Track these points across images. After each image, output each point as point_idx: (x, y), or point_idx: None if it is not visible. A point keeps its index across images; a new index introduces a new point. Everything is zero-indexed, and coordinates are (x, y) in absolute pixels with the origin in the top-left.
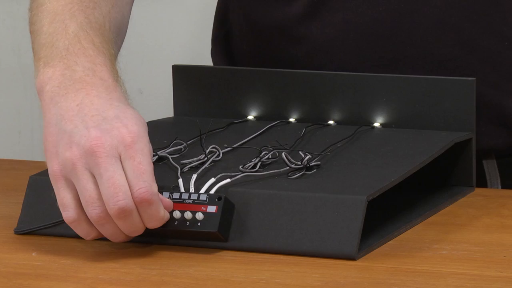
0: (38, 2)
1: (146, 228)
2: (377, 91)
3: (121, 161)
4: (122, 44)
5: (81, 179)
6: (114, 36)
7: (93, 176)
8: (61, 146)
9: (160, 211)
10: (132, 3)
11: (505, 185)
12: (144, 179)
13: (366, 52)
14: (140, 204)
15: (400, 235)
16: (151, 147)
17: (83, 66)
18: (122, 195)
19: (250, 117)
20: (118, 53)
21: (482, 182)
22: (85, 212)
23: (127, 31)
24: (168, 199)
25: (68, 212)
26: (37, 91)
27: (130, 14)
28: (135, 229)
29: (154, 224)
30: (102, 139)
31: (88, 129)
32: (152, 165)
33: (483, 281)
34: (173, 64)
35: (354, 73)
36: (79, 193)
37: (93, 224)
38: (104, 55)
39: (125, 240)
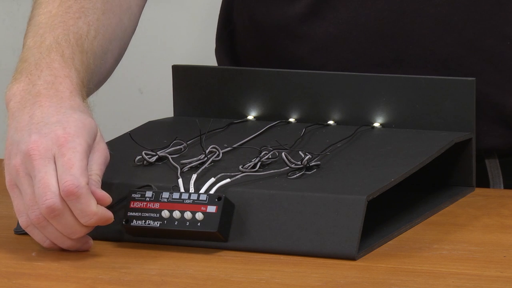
0: (31, 15)
1: (146, 229)
2: (377, 91)
3: (55, 162)
4: (124, 47)
5: (23, 184)
6: (105, 43)
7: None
8: (11, 156)
9: (90, 205)
10: (141, 7)
11: (508, 184)
12: (71, 173)
13: (368, 51)
14: (67, 198)
15: (400, 235)
16: (103, 147)
17: (44, 80)
18: (50, 194)
19: (250, 117)
20: (115, 58)
21: (484, 181)
22: None
23: None
24: (103, 192)
25: (21, 218)
26: (6, 107)
27: (136, 18)
28: (71, 230)
29: (87, 220)
30: (38, 142)
31: (30, 136)
32: (84, 161)
33: (483, 281)
34: (173, 64)
35: (354, 73)
36: (23, 199)
37: None
38: (70, 67)
39: (75, 246)
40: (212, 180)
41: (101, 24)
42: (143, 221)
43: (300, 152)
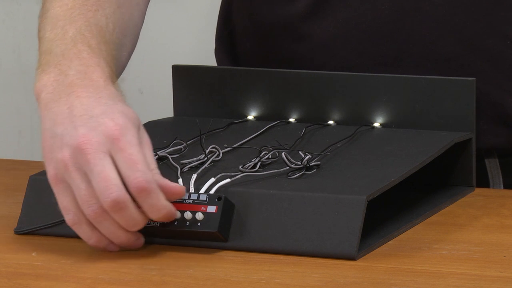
0: (44, 8)
1: (146, 228)
2: (377, 91)
3: (112, 155)
4: (134, 43)
5: (74, 179)
6: (121, 37)
7: (86, 175)
8: (54, 150)
9: (161, 199)
10: (147, 4)
11: (507, 184)
12: (138, 169)
13: (368, 50)
14: (139, 193)
15: (400, 235)
16: (147, 137)
17: (75, 70)
18: (114, 187)
19: (250, 117)
20: (128, 52)
21: (484, 181)
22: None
23: None
24: (177, 184)
25: (68, 215)
26: (35, 98)
27: (143, 14)
28: (135, 222)
29: (157, 214)
30: (88, 135)
31: (76, 129)
32: (141, 154)
33: (483, 281)
34: (173, 64)
35: (354, 73)
36: (75, 194)
37: (94, 227)
38: (99, 56)
39: (128, 241)
40: (212, 180)
41: (117, 17)
42: None
43: (300, 152)
